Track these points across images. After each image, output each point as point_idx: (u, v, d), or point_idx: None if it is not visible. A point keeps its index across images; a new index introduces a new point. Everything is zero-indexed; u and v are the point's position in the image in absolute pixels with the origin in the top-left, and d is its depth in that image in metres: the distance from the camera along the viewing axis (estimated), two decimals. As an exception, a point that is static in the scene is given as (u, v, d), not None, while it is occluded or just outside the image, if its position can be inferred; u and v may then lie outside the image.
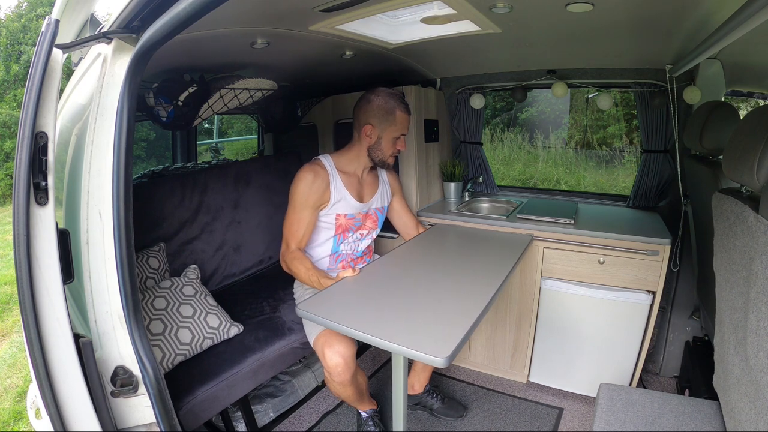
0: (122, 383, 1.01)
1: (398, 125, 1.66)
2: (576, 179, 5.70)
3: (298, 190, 1.61)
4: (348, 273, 1.44)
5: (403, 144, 1.71)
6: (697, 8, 1.18)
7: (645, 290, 1.74)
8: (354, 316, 1.19)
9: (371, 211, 1.80)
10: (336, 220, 1.69)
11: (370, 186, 1.79)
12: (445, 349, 0.98)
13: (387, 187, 1.87)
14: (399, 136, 1.69)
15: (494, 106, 6.29)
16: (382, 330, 1.10)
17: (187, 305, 1.57)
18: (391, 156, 1.71)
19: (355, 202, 1.70)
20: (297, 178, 1.62)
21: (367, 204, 1.76)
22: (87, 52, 1.32)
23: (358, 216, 1.74)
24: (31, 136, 0.84)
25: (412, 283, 1.41)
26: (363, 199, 1.75)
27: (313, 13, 1.28)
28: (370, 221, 1.80)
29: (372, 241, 1.87)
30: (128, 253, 0.98)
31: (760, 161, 0.85)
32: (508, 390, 2.05)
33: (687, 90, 1.83)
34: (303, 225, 1.62)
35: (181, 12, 0.78)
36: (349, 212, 1.70)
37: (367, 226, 1.80)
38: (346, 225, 1.72)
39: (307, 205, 1.61)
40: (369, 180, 1.79)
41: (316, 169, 1.63)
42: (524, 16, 1.39)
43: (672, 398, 1.25)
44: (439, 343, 1.02)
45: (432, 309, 1.22)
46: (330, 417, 1.90)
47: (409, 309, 1.22)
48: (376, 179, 1.83)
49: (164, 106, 1.76)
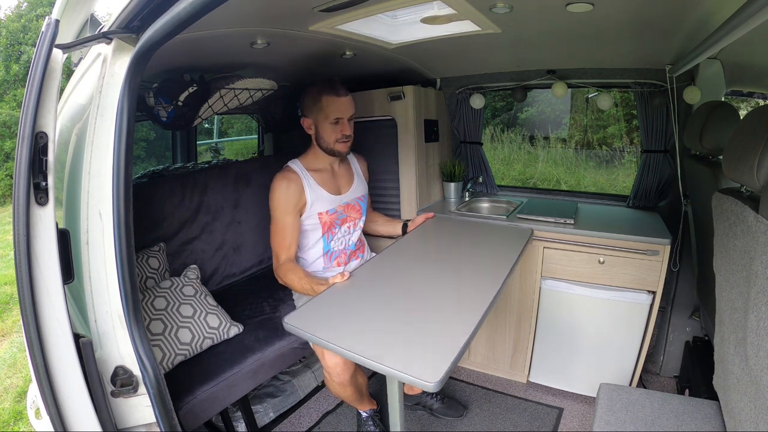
0: (122, 383, 1.01)
1: (328, 109, 1.60)
2: (576, 179, 5.70)
3: (275, 198, 1.62)
4: (337, 279, 1.36)
5: (346, 128, 1.64)
6: (697, 8, 1.18)
7: (645, 290, 1.74)
8: (343, 328, 1.11)
9: (353, 201, 1.81)
10: (319, 219, 1.70)
11: (345, 177, 1.81)
12: (437, 372, 0.90)
13: (361, 177, 1.89)
14: (336, 120, 1.62)
15: (494, 106, 6.28)
16: (373, 345, 1.02)
17: (187, 305, 1.57)
18: (337, 142, 1.65)
19: (331, 196, 1.71)
20: (272, 189, 1.63)
21: (346, 195, 1.77)
22: (87, 52, 1.32)
23: (339, 209, 1.75)
24: (31, 136, 0.84)
25: (405, 287, 1.34)
26: (340, 191, 1.76)
27: (313, 13, 1.28)
28: (354, 211, 1.82)
29: (361, 233, 1.88)
30: (128, 253, 0.98)
31: (760, 161, 0.85)
32: (508, 390, 2.05)
33: (687, 90, 1.83)
34: (288, 232, 1.62)
35: (181, 12, 0.78)
36: (329, 208, 1.71)
37: (352, 216, 1.81)
38: (330, 221, 1.72)
39: (288, 211, 1.62)
40: (343, 171, 1.81)
41: (287, 176, 1.64)
42: (524, 16, 1.38)
43: (672, 398, 1.25)
44: (430, 364, 0.93)
45: (426, 318, 1.14)
46: (330, 417, 1.90)
47: (402, 319, 1.15)
48: (349, 170, 1.84)
49: (164, 106, 1.76)
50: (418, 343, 1.03)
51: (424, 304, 1.23)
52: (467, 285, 1.34)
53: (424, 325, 1.11)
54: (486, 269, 1.46)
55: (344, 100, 1.62)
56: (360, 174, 1.89)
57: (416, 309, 1.20)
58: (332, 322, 1.15)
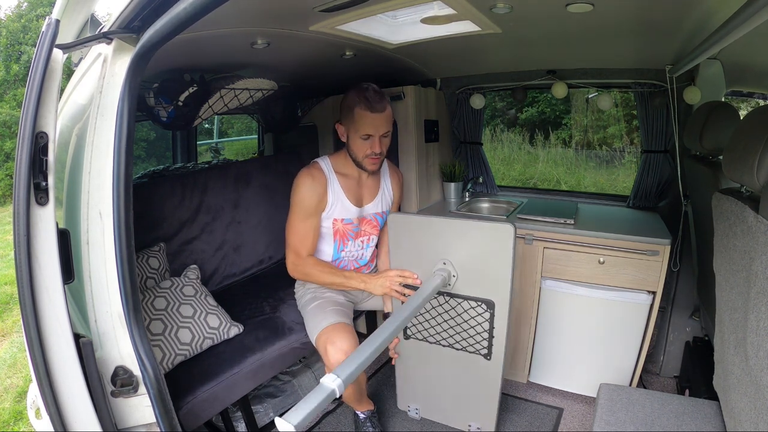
0: (122, 383, 1.01)
1: (359, 124, 1.51)
2: (576, 179, 5.71)
3: (301, 195, 1.57)
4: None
5: (376, 145, 1.55)
6: (697, 8, 1.18)
7: (645, 290, 1.74)
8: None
9: (369, 216, 1.74)
10: (333, 225, 1.65)
11: (370, 189, 1.73)
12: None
13: (388, 192, 1.80)
14: (367, 137, 1.53)
15: (494, 106, 6.28)
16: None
17: (187, 305, 1.57)
18: (365, 158, 1.57)
19: (351, 206, 1.65)
20: (297, 184, 1.59)
21: (365, 208, 1.71)
22: (87, 52, 1.32)
23: (356, 221, 1.69)
24: (31, 136, 0.84)
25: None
26: (362, 202, 1.70)
27: (313, 13, 1.28)
28: (369, 226, 1.75)
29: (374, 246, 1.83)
30: (128, 253, 0.98)
31: (760, 161, 0.85)
32: (508, 390, 2.05)
33: (687, 90, 1.83)
34: (310, 229, 1.59)
35: (181, 12, 0.78)
36: (346, 217, 1.66)
37: (366, 231, 1.75)
38: (343, 230, 1.68)
39: (311, 207, 1.58)
40: (370, 183, 1.73)
41: (313, 173, 1.60)
42: (524, 16, 1.39)
43: (672, 398, 1.25)
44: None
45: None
46: (330, 417, 1.90)
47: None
48: (377, 183, 1.76)
49: (164, 106, 1.76)
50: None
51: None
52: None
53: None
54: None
55: (378, 116, 1.51)
56: (388, 188, 1.79)
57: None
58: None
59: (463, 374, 1.61)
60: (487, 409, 1.63)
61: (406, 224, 1.50)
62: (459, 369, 1.60)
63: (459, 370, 1.61)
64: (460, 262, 1.42)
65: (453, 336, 1.55)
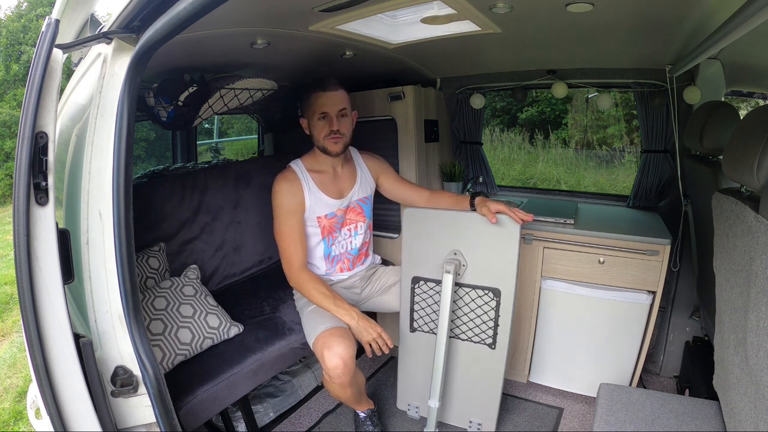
0: (122, 383, 1.00)
1: (315, 105, 1.58)
2: (576, 179, 5.71)
3: (280, 200, 1.60)
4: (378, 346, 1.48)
5: (333, 122, 1.58)
6: (697, 8, 1.18)
7: (645, 290, 1.74)
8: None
9: (353, 204, 1.76)
10: (318, 222, 1.68)
11: (348, 179, 1.75)
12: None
13: (367, 175, 1.82)
14: (323, 115, 1.58)
15: (494, 107, 6.29)
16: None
17: (187, 305, 1.57)
18: (326, 139, 1.60)
19: (330, 200, 1.68)
20: (275, 190, 1.62)
21: (347, 198, 1.73)
22: (87, 52, 1.32)
23: (339, 212, 1.71)
24: (31, 136, 0.84)
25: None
26: (342, 194, 1.72)
27: (313, 13, 1.28)
28: (353, 214, 1.76)
29: (367, 236, 1.83)
30: (128, 253, 0.98)
31: (760, 161, 0.85)
32: (508, 390, 2.05)
33: (687, 90, 1.83)
34: (295, 235, 1.61)
35: (181, 12, 0.78)
36: (328, 212, 1.68)
37: (352, 219, 1.76)
38: (329, 226, 1.70)
39: (291, 212, 1.61)
40: (346, 173, 1.75)
41: (288, 177, 1.63)
42: (524, 16, 1.38)
43: (672, 398, 1.25)
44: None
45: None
46: (330, 417, 1.90)
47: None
48: (353, 170, 1.78)
49: (164, 106, 1.76)
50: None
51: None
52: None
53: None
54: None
55: (331, 94, 1.57)
56: (366, 172, 1.81)
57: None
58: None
59: (467, 367, 1.64)
60: (489, 404, 1.64)
61: (420, 217, 1.65)
62: (462, 362, 1.65)
63: (462, 363, 1.65)
64: (470, 252, 1.55)
65: (459, 326, 1.61)
